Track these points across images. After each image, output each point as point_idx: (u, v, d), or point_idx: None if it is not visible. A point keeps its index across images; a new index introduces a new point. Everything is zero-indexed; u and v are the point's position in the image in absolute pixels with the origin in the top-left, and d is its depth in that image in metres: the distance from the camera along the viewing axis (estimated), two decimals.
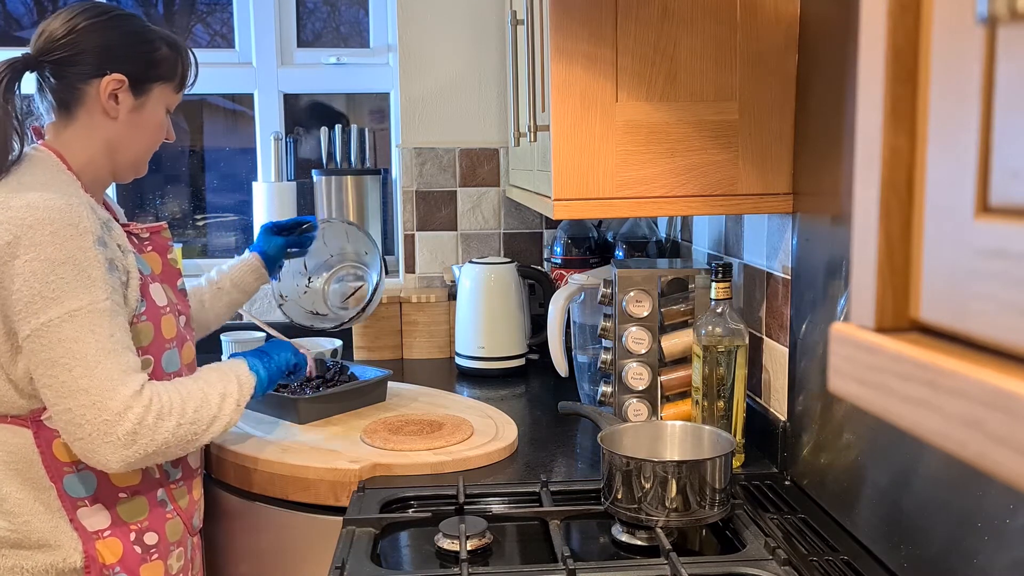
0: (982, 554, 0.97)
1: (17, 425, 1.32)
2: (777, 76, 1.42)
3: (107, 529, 1.35)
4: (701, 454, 1.33)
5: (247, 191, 2.64)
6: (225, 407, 1.36)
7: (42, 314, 1.22)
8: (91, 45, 1.34)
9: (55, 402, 1.24)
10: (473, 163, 2.43)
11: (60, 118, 1.37)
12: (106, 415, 1.23)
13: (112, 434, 1.23)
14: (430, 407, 1.84)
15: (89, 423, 1.23)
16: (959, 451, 0.36)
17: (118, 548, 1.35)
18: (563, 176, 1.39)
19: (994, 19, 0.35)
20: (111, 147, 1.39)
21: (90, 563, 1.33)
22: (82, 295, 1.23)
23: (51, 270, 1.22)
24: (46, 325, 1.22)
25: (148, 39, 1.40)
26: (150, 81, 1.40)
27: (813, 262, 1.38)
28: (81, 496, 1.33)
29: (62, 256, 1.22)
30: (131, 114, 1.39)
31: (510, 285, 2.17)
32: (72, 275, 1.23)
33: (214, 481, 1.66)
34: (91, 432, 1.23)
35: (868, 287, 0.43)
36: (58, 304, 1.22)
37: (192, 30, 2.68)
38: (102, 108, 1.36)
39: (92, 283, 1.24)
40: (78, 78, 1.34)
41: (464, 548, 1.20)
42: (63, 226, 1.23)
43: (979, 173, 0.37)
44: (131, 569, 1.36)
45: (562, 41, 1.37)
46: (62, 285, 1.22)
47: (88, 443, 1.24)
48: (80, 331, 1.23)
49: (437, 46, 2.39)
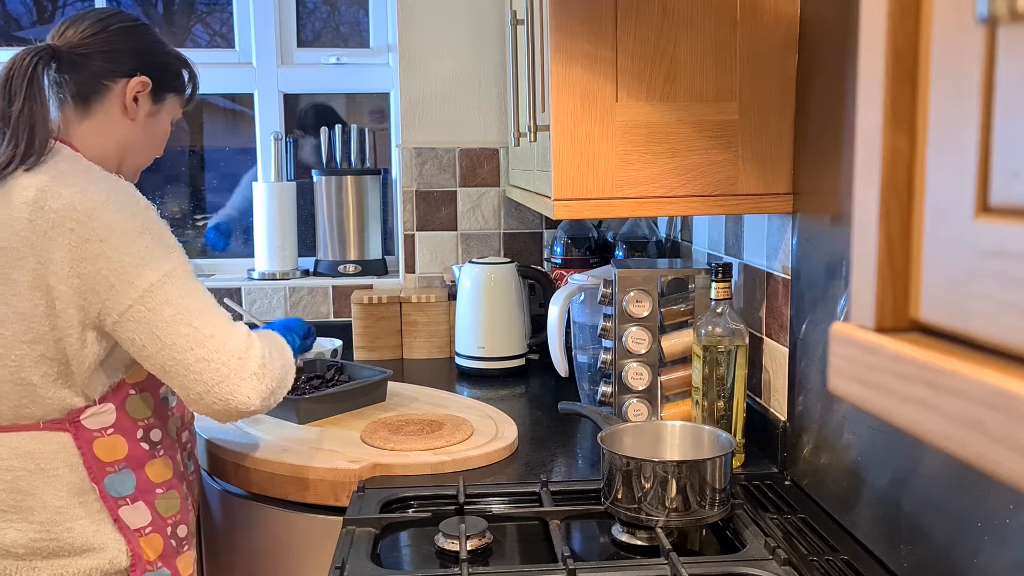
0: (982, 554, 0.97)
1: (52, 430, 1.31)
2: (777, 76, 1.42)
3: (148, 526, 1.36)
4: (701, 454, 1.33)
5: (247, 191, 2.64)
6: (289, 360, 1.41)
7: (139, 281, 1.24)
8: (125, 46, 1.38)
9: (183, 356, 1.25)
10: (473, 163, 2.43)
11: (77, 112, 1.36)
12: (239, 352, 1.28)
13: (247, 369, 1.28)
14: (430, 407, 1.84)
15: (225, 364, 1.26)
16: (959, 451, 0.36)
17: (159, 544, 1.37)
18: (563, 176, 1.39)
19: (994, 19, 0.35)
20: (123, 149, 1.41)
21: (136, 561, 1.34)
22: (169, 259, 1.28)
23: (131, 242, 1.25)
24: (149, 291, 1.24)
25: (168, 52, 1.46)
26: (167, 91, 1.44)
27: (813, 262, 1.38)
28: (122, 495, 1.34)
29: (136, 227, 1.26)
30: (147, 119, 1.42)
31: (510, 285, 2.17)
32: (153, 242, 1.27)
33: (214, 481, 1.66)
34: (229, 373, 1.26)
35: (868, 287, 0.43)
36: (152, 269, 1.25)
37: (192, 30, 2.68)
38: (121, 107, 1.38)
39: (172, 247, 1.29)
40: (105, 74, 1.36)
41: (464, 548, 1.20)
42: (125, 204, 1.27)
43: (979, 173, 0.37)
44: (170, 563, 1.38)
45: (562, 41, 1.37)
46: (148, 252, 1.25)
47: (229, 384, 1.26)
48: (183, 289, 1.27)
49: (437, 46, 2.39)
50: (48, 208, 1.23)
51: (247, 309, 2.37)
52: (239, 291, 2.46)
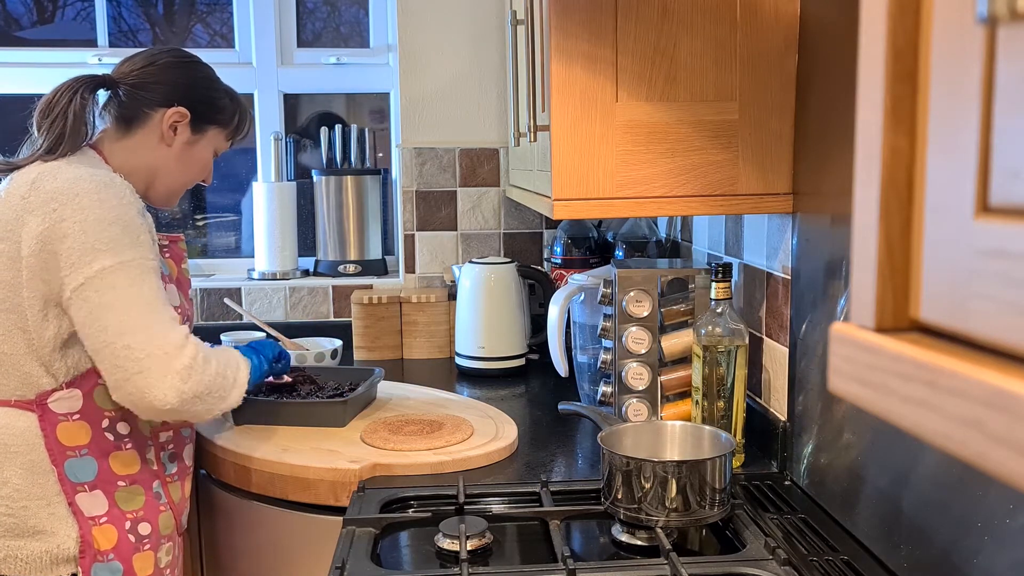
0: (982, 554, 0.97)
1: (21, 409, 1.36)
2: (777, 76, 1.42)
3: (104, 516, 1.38)
4: (701, 454, 1.33)
5: (247, 191, 2.64)
6: (240, 378, 1.43)
7: (95, 263, 1.29)
8: (167, 78, 1.50)
9: (112, 341, 1.29)
10: (473, 163, 2.43)
11: (117, 131, 1.49)
12: (167, 348, 1.30)
13: (171, 367, 1.29)
14: (430, 407, 1.84)
15: (149, 356, 1.29)
16: (959, 451, 0.36)
17: (113, 535, 1.38)
18: (563, 176, 1.39)
19: (994, 19, 0.35)
20: (153, 170, 1.51)
21: (85, 548, 1.35)
22: (132, 250, 1.32)
23: (102, 228, 1.30)
24: (100, 273, 1.29)
25: (215, 87, 1.57)
26: (208, 123, 1.54)
27: (813, 262, 1.38)
28: (81, 481, 1.37)
29: (111, 216, 1.32)
30: (184, 147, 1.52)
31: (510, 285, 2.17)
32: (121, 232, 1.32)
33: (214, 481, 1.66)
34: (151, 366, 1.28)
35: (868, 287, 0.43)
36: (111, 255, 1.30)
37: (192, 30, 2.68)
38: (160, 134, 1.50)
39: (140, 243, 1.34)
40: (147, 103, 1.49)
41: (464, 548, 1.20)
42: (109, 195, 1.33)
43: (979, 173, 0.37)
44: (124, 557, 1.39)
45: (562, 41, 1.37)
46: (113, 239, 1.31)
47: (147, 376, 1.28)
48: (133, 279, 1.31)
49: (437, 46, 2.39)
50: (42, 188, 1.33)
51: (247, 309, 2.37)
52: (239, 291, 2.46)
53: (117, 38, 2.58)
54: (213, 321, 2.43)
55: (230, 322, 2.41)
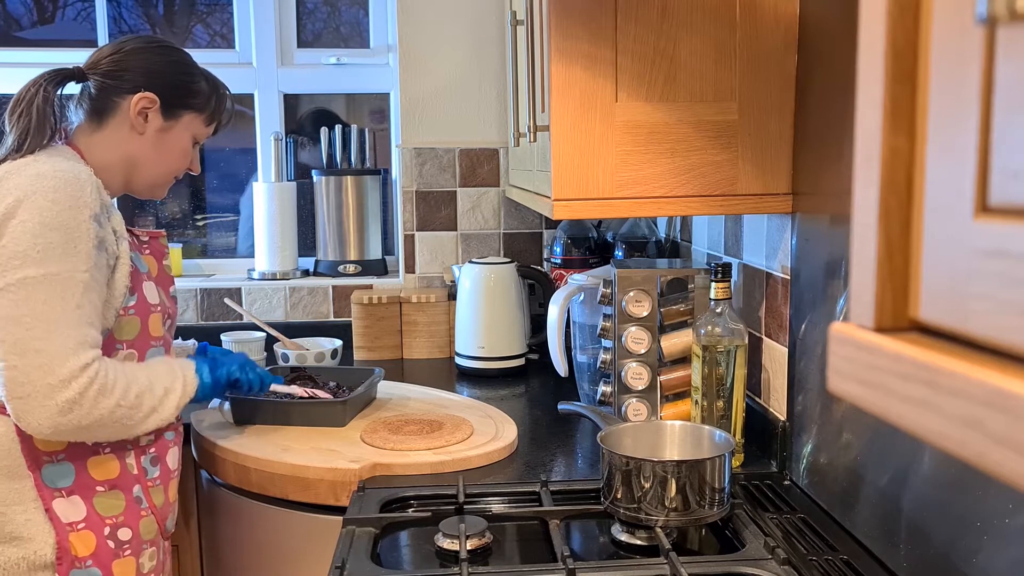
0: (982, 554, 0.97)
1: None
2: (777, 76, 1.42)
3: (81, 522, 1.35)
4: (701, 454, 1.33)
5: (247, 191, 2.64)
6: (167, 403, 1.39)
7: (20, 271, 1.26)
8: (133, 64, 1.46)
9: (4, 357, 1.25)
10: (473, 163, 2.43)
11: (90, 125, 1.46)
12: (51, 379, 1.25)
13: (52, 399, 1.25)
14: (430, 407, 1.84)
15: (32, 383, 1.25)
16: (959, 451, 0.36)
17: (91, 541, 1.36)
18: (563, 176, 1.39)
19: (994, 19, 0.35)
20: (131, 161, 1.48)
21: (62, 555, 1.33)
22: (64, 261, 1.27)
23: (41, 233, 1.27)
24: (21, 281, 1.26)
25: (188, 71, 1.51)
26: (182, 108, 1.50)
27: (813, 262, 1.38)
28: (58, 486, 1.34)
29: (55, 222, 1.27)
30: (158, 134, 1.48)
31: (510, 285, 2.17)
32: (60, 241, 1.27)
33: (213, 480, 1.66)
34: (31, 392, 1.25)
35: (868, 287, 0.43)
36: (39, 265, 1.26)
37: (192, 30, 2.68)
38: (131, 123, 1.45)
39: (76, 253, 1.29)
40: (115, 91, 1.45)
41: (464, 548, 1.20)
42: (64, 195, 1.29)
43: (978, 173, 0.37)
44: (103, 563, 1.36)
45: (562, 41, 1.37)
46: (48, 248, 1.27)
47: (26, 403, 1.25)
48: (51, 295, 1.26)
49: (437, 46, 2.39)
50: (7, 184, 1.30)
51: (247, 309, 2.37)
52: (239, 291, 2.46)
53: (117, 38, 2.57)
54: (213, 321, 2.43)
55: (230, 322, 2.41)
